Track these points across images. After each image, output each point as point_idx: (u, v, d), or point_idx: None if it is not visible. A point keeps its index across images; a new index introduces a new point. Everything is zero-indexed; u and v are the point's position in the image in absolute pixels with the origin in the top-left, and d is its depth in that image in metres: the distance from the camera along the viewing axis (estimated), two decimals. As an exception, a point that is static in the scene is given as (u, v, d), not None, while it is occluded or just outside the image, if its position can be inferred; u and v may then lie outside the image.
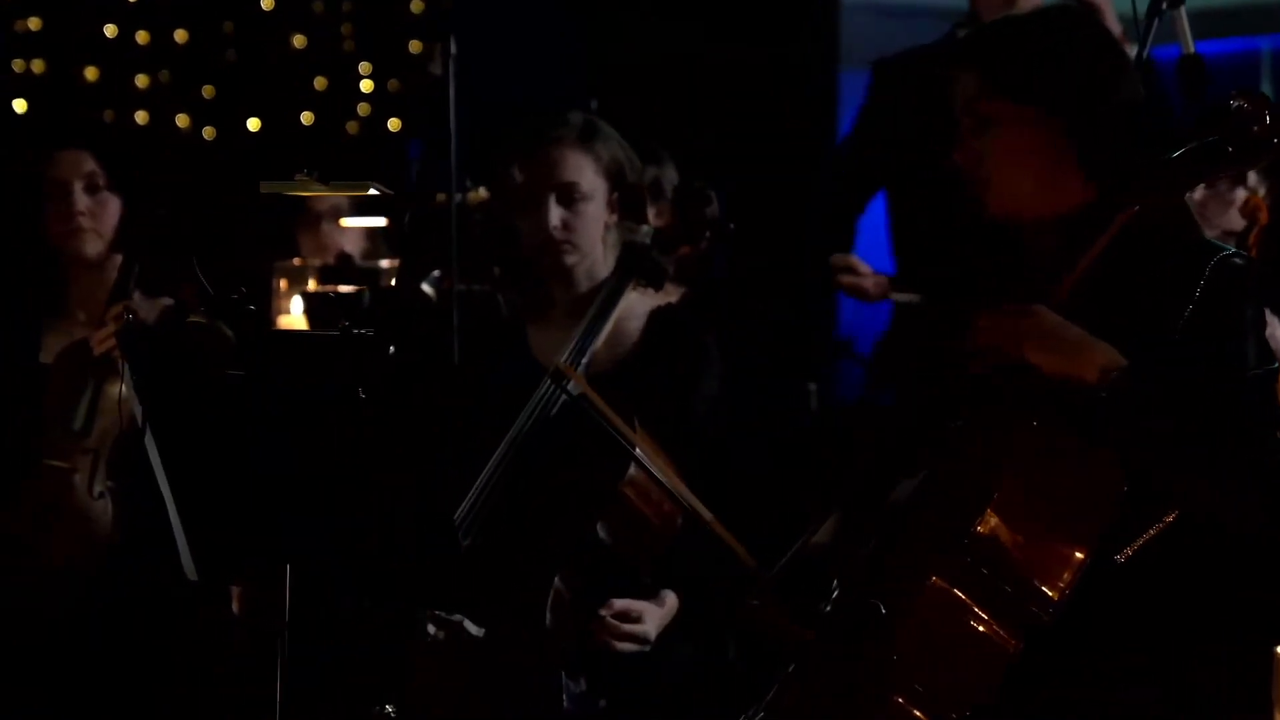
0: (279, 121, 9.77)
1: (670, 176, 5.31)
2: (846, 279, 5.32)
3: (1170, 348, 3.04)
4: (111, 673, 4.06)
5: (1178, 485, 3.00)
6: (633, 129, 4.48)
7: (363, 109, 9.36)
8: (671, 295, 4.99)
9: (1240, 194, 4.59)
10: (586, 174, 4.12)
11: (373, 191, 3.61)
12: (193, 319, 3.33)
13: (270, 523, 3.15)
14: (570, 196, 4.11)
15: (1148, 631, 3.06)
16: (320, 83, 9.80)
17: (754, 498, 4.09)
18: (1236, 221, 4.58)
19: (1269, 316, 4.38)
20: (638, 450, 3.79)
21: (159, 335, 3.75)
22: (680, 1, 7.99)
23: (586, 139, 4.13)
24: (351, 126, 9.53)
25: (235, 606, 3.95)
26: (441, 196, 4.50)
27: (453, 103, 4.54)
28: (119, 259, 4.22)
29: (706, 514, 3.67)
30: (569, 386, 3.93)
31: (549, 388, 3.95)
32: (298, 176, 3.48)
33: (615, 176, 4.16)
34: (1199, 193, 4.62)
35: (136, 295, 4.12)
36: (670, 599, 3.94)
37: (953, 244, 3.87)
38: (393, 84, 9.83)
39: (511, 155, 4.18)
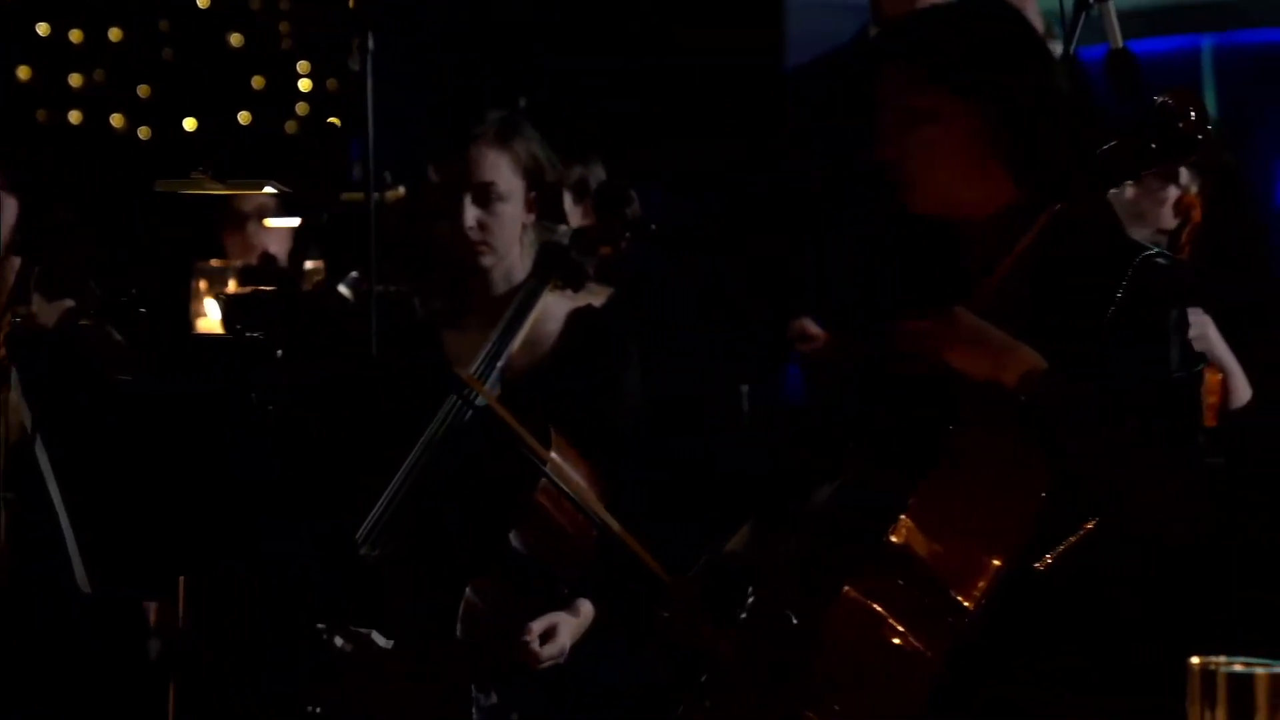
0: (216, 121, 9.68)
1: (598, 176, 5.21)
2: (803, 347, 5.21)
3: (1092, 349, 2.97)
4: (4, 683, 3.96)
5: (1098, 490, 2.92)
6: (565, 127, 4.39)
7: (301, 108, 9.27)
8: (598, 297, 4.91)
9: (1173, 191, 4.54)
10: (503, 173, 4.03)
11: (269, 190, 3.52)
12: (82, 322, 3.24)
13: (162, 532, 3.04)
14: (487, 196, 4.02)
15: (1067, 641, 2.99)
16: (258, 82, 9.71)
17: (678, 502, 4.00)
18: (1170, 220, 4.52)
19: (1199, 316, 4.34)
20: (547, 465, 3.71)
21: (47, 340, 3.65)
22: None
23: (504, 137, 4.04)
24: (290, 126, 9.45)
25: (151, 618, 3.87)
26: (359, 195, 4.40)
27: (370, 99, 4.44)
28: (17, 262, 4.11)
29: (614, 524, 3.58)
30: (475, 400, 3.83)
31: (455, 402, 3.85)
32: (193, 174, 3.39)
33: (533, 176, 4.07)
34: (1130, 191, 4.56)
35: (36, 298, 4.02)
36: (586, 608, 3.86)
37: (881, 247, 3.79)
38: (331, 83, 9.74)
39: (427, 154, 4.08)
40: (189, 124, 9.66)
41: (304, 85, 9.56)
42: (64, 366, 2.97)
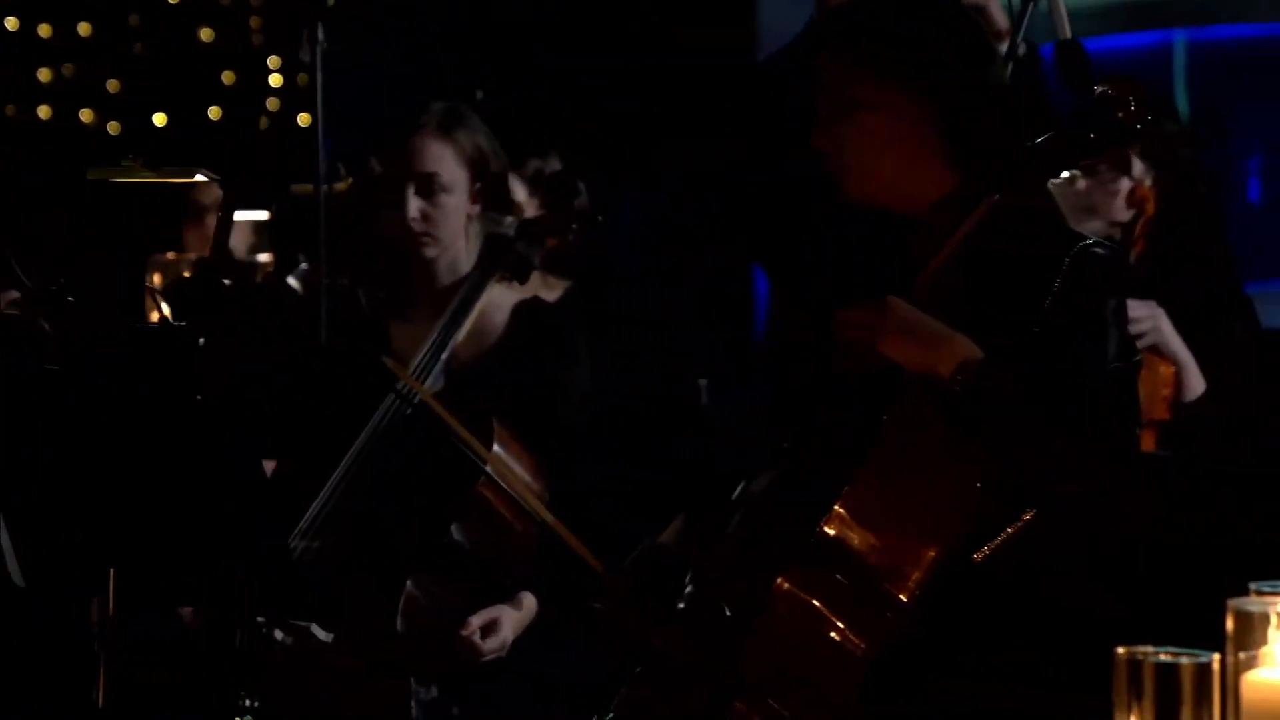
0: (186, 116, 9.67)
1: (554, 168, 5.19)
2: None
3: (1029, 339, 2.95)
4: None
5: (1033, 481, 2.90)
6: (525, 121, 4.37)
7: (272, 104, 9.25)
8: (554, 290, 4.89)
9: (1125, 183, 4.52)
10: (447, 164, 3.99)
11: (200, 177, 3.49)
12: (6, 312, 3.21)
13: (94, 526, 3.01)
14: (430, 187, 3.99)
15: (1006, 633, 2.96)
16: (228, 77, 9.69)
17: (627, 496, 3.97)
18: (1123, 212, 4.50)
19: (1153, 309, 4.32)
20: (488, 462, 3.67)
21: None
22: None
23: (448, 128, 4.00)
24: (261, 121, 9.43)
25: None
26: (308, 188, 4.37)
27: (320, 91, 4.42)
28: None
29: (549, 517, 3.56)
30: (414, 399, 3.81)
31: (393, 401, 3.83)
32: (124, 162, 3.36)
33: (478, 167, 4.03)
34: (1082, 183, 4.55)
35: None
36: (528, 601, 3.83)
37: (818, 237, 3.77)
38: (302, 78, 9.72)
39: (372, 145, 4.06)
40: (159, 119, 9.64)
41: (274, 81, 9.54)
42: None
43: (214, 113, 9.67)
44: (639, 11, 7.85)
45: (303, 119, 9.48)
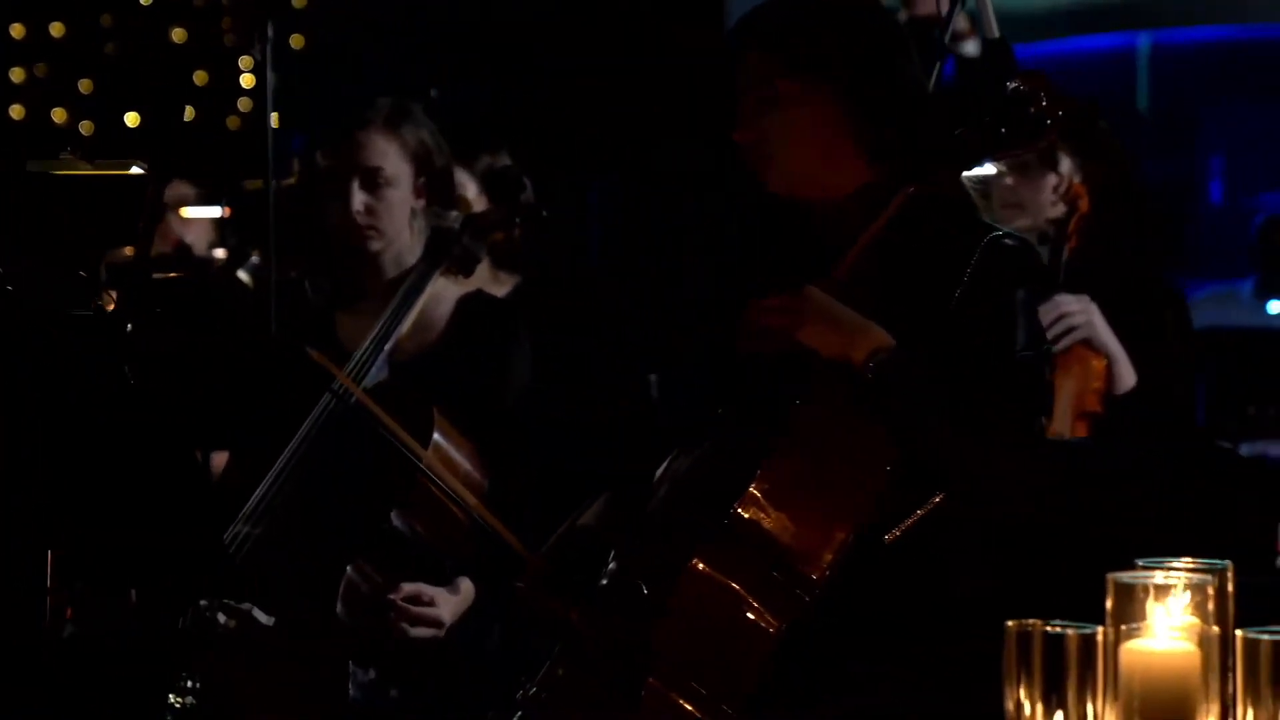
0: (159, 116, 9.72)
1: (505, 164, 5.26)
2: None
3: (940, 328, 3.03)
4: None
5: (941, 466, 2.99)
6: (479, 117, 4.43)
7: (244, 104, 9.31)
8: (504, 284, 4.97)
9: (1051, 179, 4.61)
10: (391, 159, 4.07)
11: (135, 170, 3.57)
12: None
13: (32, 510, 3.09)
14: (374, 181, 4.07)
15: (914, 610, 3.05)
16: (200, 77, 9.74)
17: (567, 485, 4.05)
18: (1055, 208, 4.59)
19: (1085, 303, 4.41)
20: (422, 461, 3.77)
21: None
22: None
23: (393, 124, 4.09)
24: (232, 121, 9.49)
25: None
26: (259, 183, 4.45)
27: (270, 86, 4.49)
28: None
29: (472, 500, 3.65)
30: (350, 399, 3.89)
31: (330, 400, 3.91)
32: (62, 155, 3.44)
33: (422, 161, 4.12)
34: (1010, 179, 4.63)
35: None
36: (466, 585, 3.91)
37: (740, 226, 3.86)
38: (272, 78, 9.77)
39: (317, 140, 4.14)
40: (131, 119, 9.70)
41: (246, 81, 9.60)
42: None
43: (187, 113, 9.74)
44: (609, 7, 7.92)
45: (273, 119, 9.54)
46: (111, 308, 4.03)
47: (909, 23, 6.15)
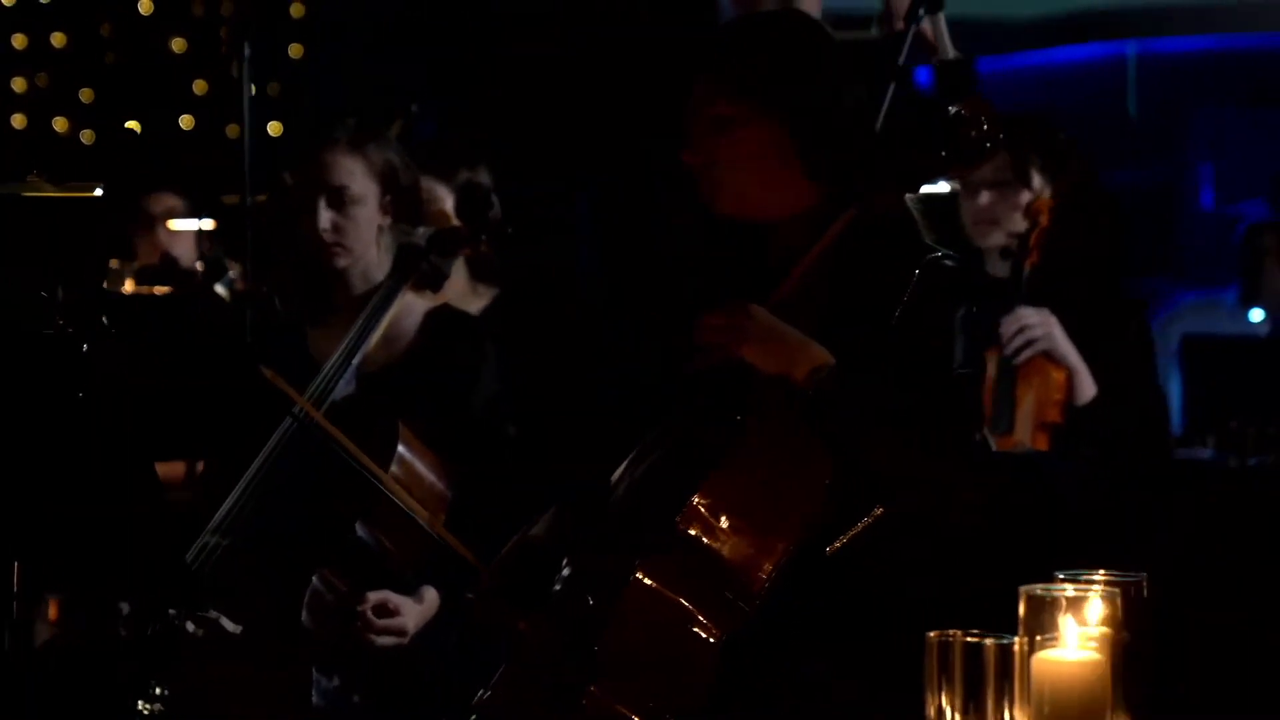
0: (158, 125, 9.80)
1: (483, 179, 5.34)
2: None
3: (879, 346, 3.11)
4: None
5: (878, 479, 3.07)
6: (457, 133, 4.48)
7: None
8: (483, 297, 5.05)
9: (1026, 195, 4.69)
10: (357, 178, 4.17)
11: (98, 192, 3.67)
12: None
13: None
14: (340, 199, 4.16)
15: (853, 620, 3.13)
16: (200, 86, 9.82)
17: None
18: (1020, 222, 4.67)
19: (1045, 316, 4.49)
20: (381, 480, 3.87)
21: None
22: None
23: (358, 144, 4.19)
24: (232, 130, 9.56)
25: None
26: (234, 199, 4.54)
27: (246, 103, 4.58)
28: None
29: (424, 513, 3.75)
30: (312, 424, 3.97)
31: (290, 425, 4.00)
32: (29, 178, 3.54)
33: (388, 180, 4.21)
34: (986, 196, 4.71)
35: None
36: (430, 595, 3.99)
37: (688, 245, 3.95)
38: (273, 87, 9.86)
39: (285, 159, 4.23)
40: (132, 127, 9.79)
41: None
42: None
43: (185, 121, 9.82)
44: (596, 9, 7.95)
45: (273, 128, 9.65)
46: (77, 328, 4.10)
47: (882, 39, 6.22)
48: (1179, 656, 3.85)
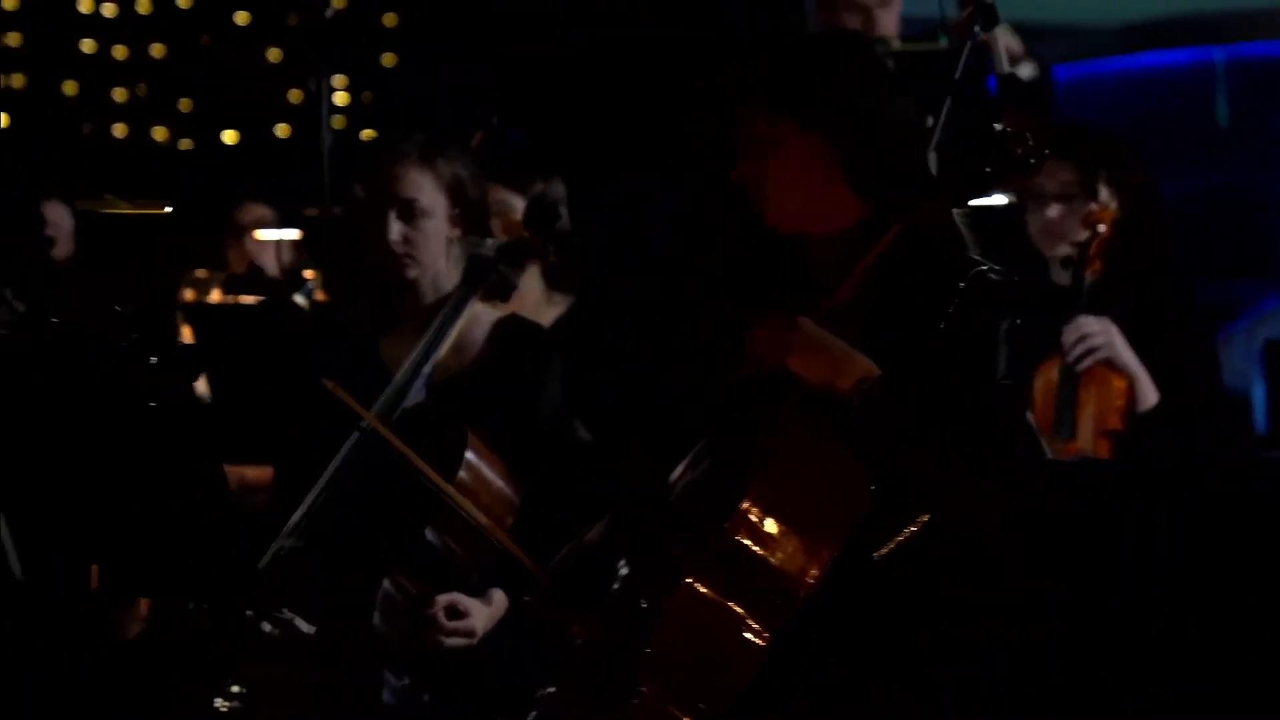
0: (255, 133, 9.95)
1: (556, 191, 5.44)
2: None
3: (924, 358, 3.19)
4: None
5: (919, 489, 3.14)
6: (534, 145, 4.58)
7: (338, 121, 9.52)
8: (558, 305, 5.16)
9: (1093, 208, 4.74)
10: (426, 190, 4.29)
11: (168, 209, 3.80)
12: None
13: (76, 524, 3.30)
14: (410, 212, 4.29)
15: (898, 625, 3.20)
16: (295, 95, 9.97)
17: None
18: (1081, 233, 4.73)
19: (1106, 324, 4.55)
20: (446, 491, 4.00)
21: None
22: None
23: (428, 157, 4.31)
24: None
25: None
26: (313, 211, 4.67)
27: (325, 117, 4.70)
28: None
29: (483, 519, 3.87)
30: (377, 436, 4.10)
31: (356, 439, 4.12)
32: (106, 196, 3.67)
33: (456, 193, 4.33)
34: (1054, 209, 4.77)
35: None
36: (499, 597, 4.11)
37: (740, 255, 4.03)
38: (366, 96, 10.00)
39: (357, 173, 4.37)
40: (229, 136, 9.95)
41: (340, 99, 9.81)
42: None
43: (281, 130, 9.97)
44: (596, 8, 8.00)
45: (365, 135, 9.79)
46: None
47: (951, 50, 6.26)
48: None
